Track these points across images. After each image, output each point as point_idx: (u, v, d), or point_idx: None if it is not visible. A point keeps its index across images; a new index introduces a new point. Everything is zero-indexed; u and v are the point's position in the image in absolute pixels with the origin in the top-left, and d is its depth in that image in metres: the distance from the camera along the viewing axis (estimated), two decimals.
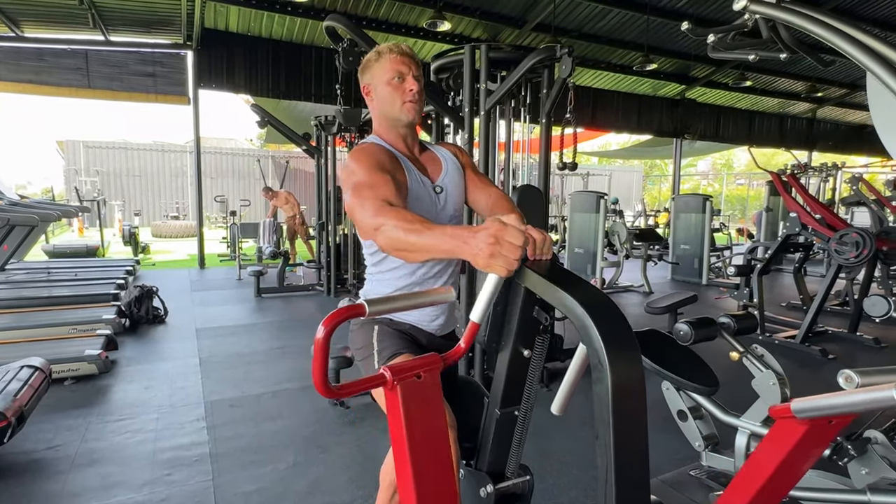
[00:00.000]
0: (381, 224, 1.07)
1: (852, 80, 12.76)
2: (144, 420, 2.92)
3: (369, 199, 1.14)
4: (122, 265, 7.10)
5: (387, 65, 1.37)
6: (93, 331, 4.05)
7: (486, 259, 0.87)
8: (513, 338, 1.12)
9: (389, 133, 1.43)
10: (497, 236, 0.86)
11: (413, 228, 1.00)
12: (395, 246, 1.04)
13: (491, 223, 0.88)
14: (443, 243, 0.94)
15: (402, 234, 1.01)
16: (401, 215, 1.05)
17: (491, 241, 0.86)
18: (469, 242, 0.89)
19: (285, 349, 4.30)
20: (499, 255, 0.86)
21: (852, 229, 4.10)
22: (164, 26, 7.73)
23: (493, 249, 0.86)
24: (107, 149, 16.43)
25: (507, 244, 0.86)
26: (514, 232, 0.86)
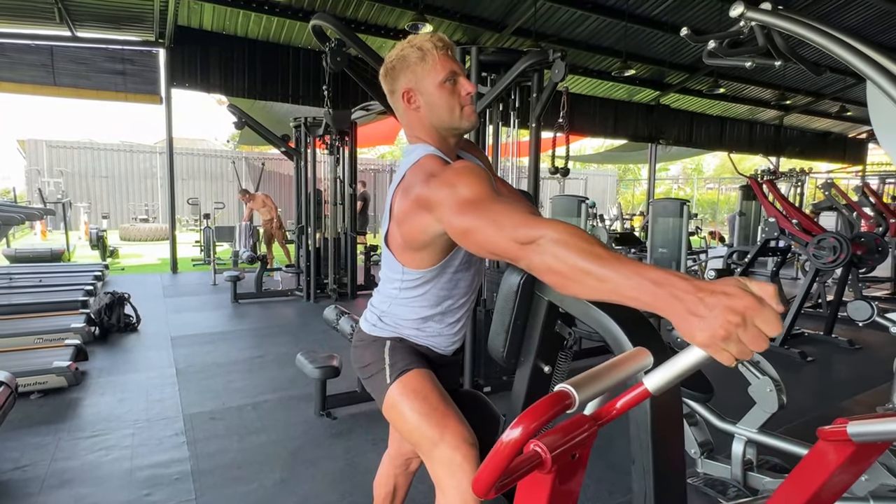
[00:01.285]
0: (540, 236, 0.82)
1: (817, 89, 13.21)
2: (119, 436, 2.77)
3: (505, 211, 0.92)
4: (90, 270, 6.81)
5: (437, 64, 1.17)
6: (60, 340, 3.85)
7: (714, 339, 0.61)
8: (533, 353, 1.07)
9: (441, 144, 1.24)
10: (746, 315, 0.60)
11: (595, 253, 0.75)
12: (558, 269, 0.79)
13: (737, 290, 0.61)
14: (636, 288, 0.69)
15: (576, 257, 0.76)
16: (573, 229, 0.81)
17: (734, 320, 0.60)
18: (688, 303, 0.63)
19: (266, 358, 4.17)
20: (735, 341, 0.60)
21: (829, 234, 4.20)
22: (136, 23, 7.46)
23: (732, 331, 0.60)
24: (71, 148, 15.82)
25: (755, 331, 0.60)
26: (772, 317, 0.60)
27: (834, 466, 0.79)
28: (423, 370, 1.28)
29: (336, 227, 6.51)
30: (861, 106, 14.51)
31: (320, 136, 6.05)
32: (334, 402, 3.11)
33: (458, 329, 1.37)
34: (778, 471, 2.22)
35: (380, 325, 1.38)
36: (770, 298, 0.61)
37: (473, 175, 1.03)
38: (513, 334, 1.06)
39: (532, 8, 8.06)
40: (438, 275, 1.26)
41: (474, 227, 0.96)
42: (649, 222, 8.59)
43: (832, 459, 0.78)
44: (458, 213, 0.99)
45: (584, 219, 6.82)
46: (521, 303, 1.04)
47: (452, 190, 1.02)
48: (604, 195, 22.68)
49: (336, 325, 3.11)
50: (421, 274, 1.24)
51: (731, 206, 21.09)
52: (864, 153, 17.80)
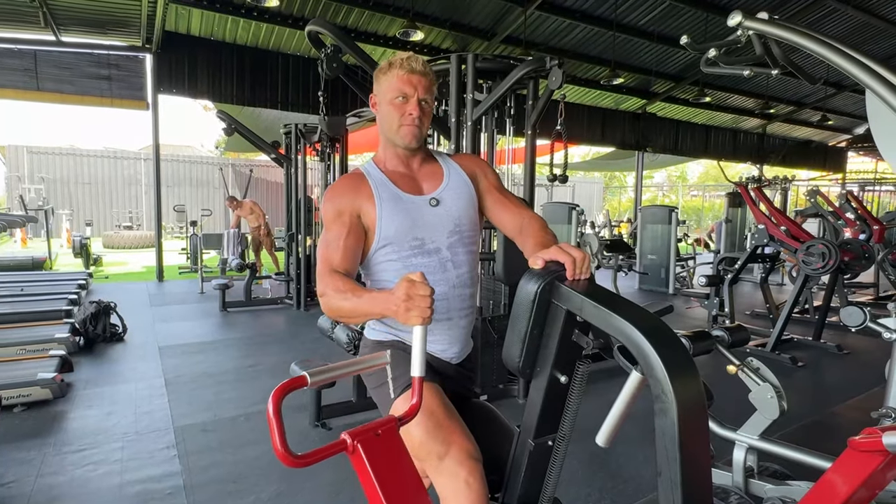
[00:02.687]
0: (324, 292, 1.20)
1: (799, 98, 13.49)
2: (108, 450, 2.69)
3: (321, 262, 1.26)
4: (74, 279, 6.66)
5: (393, 81, 1.30)
6: (45, 351, 3.74)
7: (404, 314, 1.00)
8: (550, 363, 1.05)
9: (386, 150, 1.40)
10: (408, 293, 0.99)
11: (345, 296, 1.15)
12: (336, 312, 1.18)
13: (400, 282, 1.01)
14: (371, 306, 1.11)
15: (339, 301, 1.16)
16: (335, 284, 1.18)
17: (404, 298, 0.99)
18: (390, 304, 1.03)
19: (257, 367, 4.10)
20: (413, 308, 0.99)
21: (818, 241, 4.25)
22: (122, 28, 7.37)
23: (407, 304, 0.99)
24: (53, 155, 15.54)
25: (418, 297, 0.99)
26: (420, 286, 0.99)
27: (865, 475, 0.78)
28: (427, 383, 1.25)
29: None
30: (841, 115, 14.85)
31: (313, 142, 6.00)
32: (329, 412, 3.06)
33: (454, 329, 1.36)
34: (779, 477, 2.22)
35: (378, 326, 1.40)
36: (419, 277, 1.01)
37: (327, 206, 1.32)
38: (529, 344, 1.04)
39: (522, 17, 8.13)
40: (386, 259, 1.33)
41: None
42: (638, 229, 8.66)
43: (863, 469, 0.77)
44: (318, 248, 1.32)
45: (575, 225, 6.86)
46: (537, 311, 1.02)
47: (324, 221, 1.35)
48: (590, 202, 22.87)
49: (331, 334, 3.06)
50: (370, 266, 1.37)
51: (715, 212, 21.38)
52: (844, 161, 18.20)
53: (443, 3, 7.97)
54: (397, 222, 1.30)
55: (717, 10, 8.66)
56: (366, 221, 1.31)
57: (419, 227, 1.32)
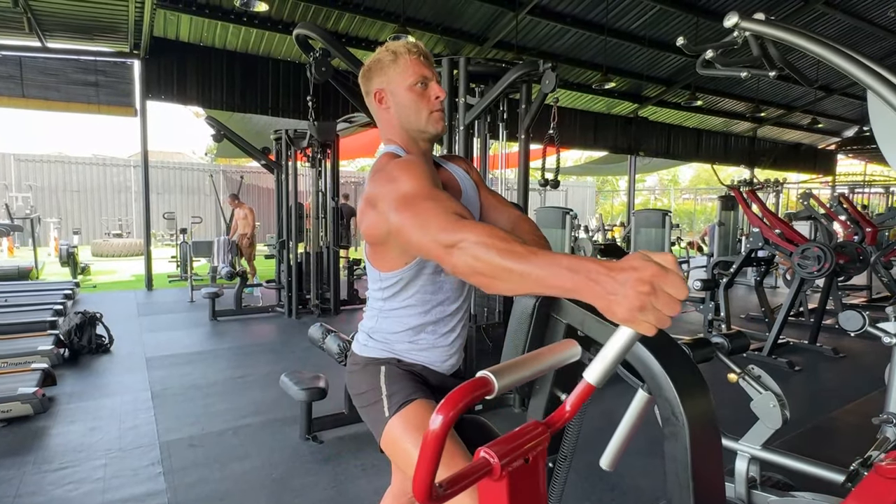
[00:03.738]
0: (461, 240, 0.84)
1: (789, 102, 13.58)
2: (90, 467, 2.59)
3: (433, 211, 0.92)
4: (60, 288, 6.54)
5: (408, 67, 1.19)
6: (27, 364, 3.63)
7: (631, 311, 0.64)
8: (550, 381, 0.99)
9: (410, 146, 1.24)
10: (653, 283, 0.63)
11: (512, 250, 0.78)
12: (481, 269, 0.81)
13: (643, 262, 0.65)
14: (556, 277, 0.72)
15: (496, 256, 0.78)
16: (490, 231, 0.82)
17: (645, 290, 0.63)
18: (603, 283, 0.66)
19: (247, 378, 4.00)
20: (651, 310, 0.64)
21: (813, 244, 4.23)
22: (109, 33, 7.27)
23: (645, 301, 0.63)
24: (41, 162, 15.34)
25: (666, 297, 0.63)
26: (676, 281, 0.64)
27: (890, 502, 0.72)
28: (425, 401, 1.19)
29: (318, 241, 6.38)
30: (830, 118, 14.97)
31: (303, 148, 5.93)
32: (320, 424, 2.98)
33: (454, 340, 1.29)
34: (782, 488, 2.17)
35: (371, 343, 1.30)
36: (671, 265, 0.65)
37: (414, 170, 1.05)
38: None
39: (513, 21, 8.11)
40: (416, 276, 1.20)
41: (404, 225, 0.97)
42: (632, 233, 8.64)
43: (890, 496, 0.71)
44: (395, 210, 1.00)
45: (569, 230, 6.81)
46: (536, 326, 0.96)
47: (394, 185, 1.03)
48: (583, 206, 22.90)
49: (322, 345, 2.99)
50: (396, 276, 1.20)
51: (707, 216, 21.48)
52: (834, 164, 18.34)
53: (434, 8, 7.95)
54: None
55: (708, 15, 8.70)
56: None
57: None
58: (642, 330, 0.65)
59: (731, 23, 2.08)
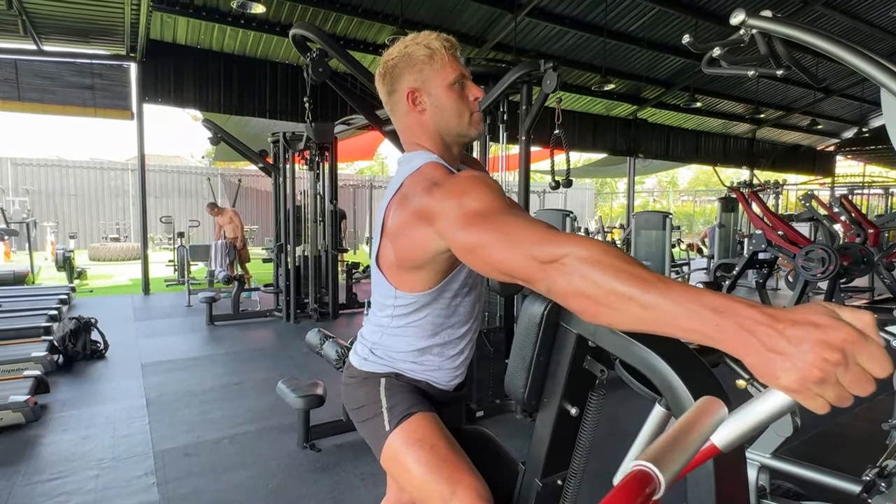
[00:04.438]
0: (565, 254, 0.69)
1: (788, 103, 13.56)
2: (82, 478, 2.53)
3: (521, 225, 0.79)
4: (55, 293, 6.47)
5: (446, 66, 1.09)
6: (19, 372, 3.57)
7: (805, 382, 0.48)
8: (559, 394, 0.93)
9: (445, 152, 1.13)
10: (846, 352, 0.47)
11: (636, 274, 0.62)
12: (590, 292, 0.65)
13: (830, 320, 0.49)
14: (694, 317, 0.55)
15: (613, 279, 0.62)
16: (604, 247, 0.67)
17: (833, 359, 0.47)
18: (763, 336, 0.51)
19: (244, 384, 3.94)
20: (833, 385, 0.48)
21: (817, 245, 4.18)
22: (105, 36, 7.22)
23: (830, 373, 0.47)
24: (38, 166, 15.28)
25: (858, 372, 0.48)
26: (878, 353, 0.48)
27: None
28: (427, 414, 1.13)
29: (316, 244, 6.32)
30: (829, 119, 14.97)
31: (300, 150, 5.87)
32: (318, 432, 2.92)
33: (461, 363, 1.23)
34: (793, 497, 2.11)
35: (372, 358, 1.23)
36: (870, 329, 0.49)
37: (484, 185, 0.92)
38: (535, 372, 0.92)
39: (512, 23, 8.08)
40: (435, 300, 1.13)
41: (483, 242, 0.83)
42: (632, 235, 8.59)
43: None
44: (465, 227, 0.87)
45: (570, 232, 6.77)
46: (544, 336, 0.91)
47: (459, 201, 0.90)
48: (582, 208, 22.87)
49: (320, 351, 2.93)
50: (415, 298, 1.11)
51: (706, 217, 21.46)
52: (833, 165, 18.32)
53: (432, 10, 7.91)
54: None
55: (707, 16, 8.67)
56: None
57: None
58: (813, 407, 0.50)
59: (738, 20, 2.02)
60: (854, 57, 1.65)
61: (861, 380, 0.48)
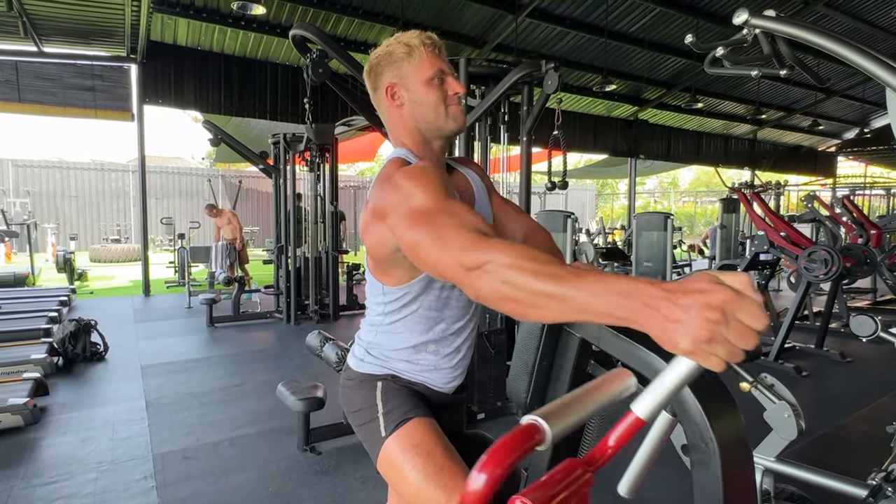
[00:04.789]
0: (486, 261, 0.72)
1: (789, 104, 13.54)
2: (80, 481, 2.51)
3: (452, 228, 0.81)
4: (55, 295, 6.46)
5: (423, 61, 1.09)
6: (19, 374, 3.56)
7: (697, 343, 0.53)
8: None
9: (423, 148, 1.14)
10: (726, 310, 0.52)
11: (550, 272, 0.66)
12: (512, 295, 0.69)
13: (711, 285, 0.54)
14: (606, 302, 0.60)
15: (532, 280, 0.66)
16: (523, 250, 0.71)
17: (715, 318, 0.52)
18: (662, 308, 0.55)
19: (244, 386, 3.93)
20: (721, 342, 0.52)
21: (820, 247, 4.16)
22: (106, 38, 7.22)
23: (715, 331, 0.52)
24: (39, 168, 15.29)
25: (740, 327, 0.52)
26: (754, 308, 0.53)
27: None
28: (424, 419, 1.11)
29: (317, 245, 6.31)
30: (830, 120, 14.94)
31: (300, 151, 5.86)
32: (318, 435, 2.90)
33: (458, 362, 1.21)
34: (796, 501, 2.09)
35: (368, 358, 1.22)
36: (746, 288, 0.54)
37: (427, 179, 0.94)
38: (538, 377, 0.91)
39: (513, 24, 8.07)
40: (423, 292, 1.12)
41: (420, 242, 0.86)
42: (633, 236, 8.57)
43: None
44: (409, 226, 0.89)
45: (570, 233, 6.74)
46: (547, 340, 0.89)
47: (405, 197, 0.93)
48: (583, 209, 22.86)
49: (320, 353, 2.92)
50: (402, 291, 1.12)
51: (707, 218, 21.44)
52: (834, 166, 18.29)
53: (433, 11, 7.90)
54: None
55: (708, 17, 8.66)
56: None
57: None
58: (709, 365, 0.55)
59: (741, 20, 2.01)
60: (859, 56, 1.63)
61: (743, 334, 0.53)
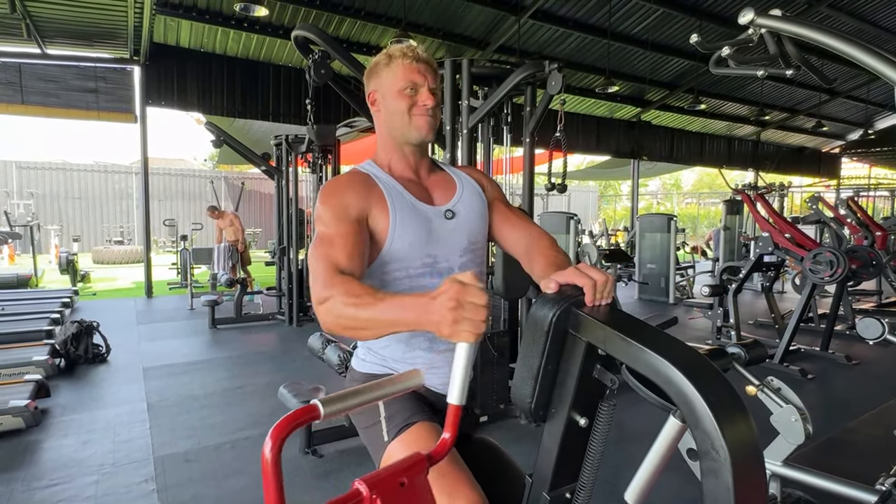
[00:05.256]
0: (328, 297, 0.94)
1: (792, 105, 13.49)
2: (81, 484, 2.50)
3: (321, 262, 1.00)
4: (58, 296, 6.46)
5: (398, 72, 1.15)
6: (20, 376, 3.55)
7: (451, 326, 0.77)
8: (568, 404, 0.89)
9: (392, 153, 1.22)
10: (458, 298, 0.77)
11: (362, 302, 0.89)
12: (344, 323, 0.92)
13: (448, 283, 0.78)
14: (401, 314, 0.85)
15: (353, 309, 0.90)
16: (345, 287, 0.93)
17: (452, 305, 0.77)
18: (430, 310, 0.80)
19: (246, 388, 3.91)
20: (463, 320, 0.77)
21: (825, 248, 4.13)
22: (109, 40, 7.23)
23: (456, 314, 0.77)
24: (43, 169, 15.34)
25: (470, 305, 0.77)
26: (474, 291, 0.77)
27: None
28: (426, 424, 1.10)
29: None
30: (834, 121, 14.87)
31: (303, 153, 5.85)
32: (320, 437, 2.88)
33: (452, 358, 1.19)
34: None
35: (369, 357, 1.23)
36: (469, 279, 0.79)
37: (329, 203, 1.10)
38: (542, 381, 0.89)
39: (515, 25, 8.06)
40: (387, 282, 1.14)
41: (310, 261, 1.04)
42: (636, 238, 8.54)
43: None
44: (312, 245, 1.07)
45: (573, 235, 6.72)
46: (552, 344, 0.87)
47: (318, 221, 1.11)
48: (585, 211, 22.80)
49: (321, 355, 2.90)
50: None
51: (711, 220, 21.36)
52: (838, 167, 18.22)
53: (435, 13, 7.90)
54: (412, 236, 1.13)
55: (711, 18, 8.64)
56: (374, 229, 1.12)
57: (433, 243, 1.16)
58: (463, 339, 0.77)
59: (747, 19, 1.99)
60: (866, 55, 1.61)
61: (473, 310, 0.77)
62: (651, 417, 0.74)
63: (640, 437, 3.04)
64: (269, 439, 0.62)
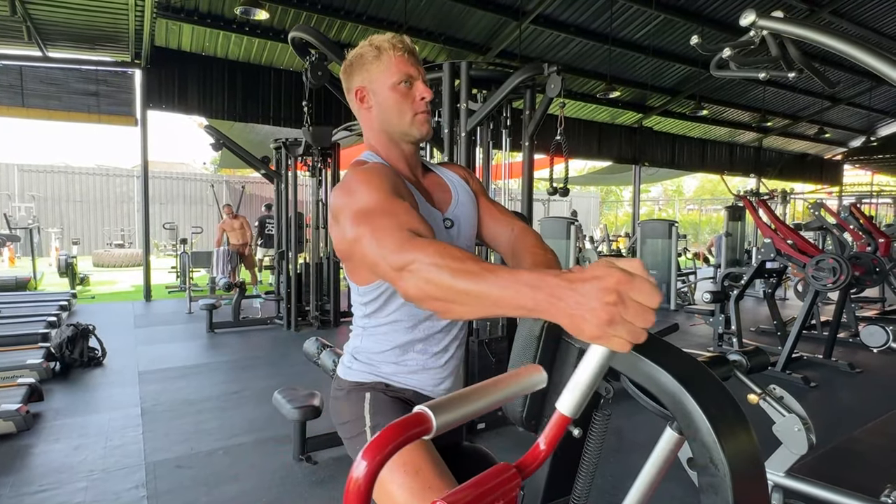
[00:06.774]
0: (411, 261, 0.76)
1: (794, 111, 13.47)
2: (70, 490, 2.46)
3: (387, 228, 0.85)
4: (56, 300, 6.43)
5: (391, 65, 1.09)
6: (13, 379, 3.51)
7: (601, 327, 0.55)
8: None
9: (389, 150, 1.15)
10: (620, 291, 0.54)
11: (466, 269, 0.69)
12: (434, 293, 0.72)
13: (606, 270, 0.56)
14: (516, 295, 0.63)
15: (449, 278, 0.70)
16: (443, 249, 0.74)
17: (611, 300, 0.54)
18: (566, 298, 0.57)
19: (242, 393, 3.87)
20: (621, 322, 0.54)
21: (828, 255, 4.09)
22: (110, 43, 7.24)
23: (614, 313, 0.54)
24: (44, 172, 15.36)
25: (636, 306, 0.55)
26: (645, 287, 0.55)
27: None
28: None
29: (318, 251, 6.27)
30: (836, 128, 14.85)
31: (301, 156, 5.84)
32: (315, 444, 2.84)
33: (447, 362, 1.17)
34: None
35: (355, 365, 1.18)
36: (639, 270, 0.57)
37: (372, 180, 0.98)
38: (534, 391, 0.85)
39: (517, 30, 8.06)
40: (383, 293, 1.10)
41: (359, 240, 0.90)
42: (638, 243, 8.50)
43: None
44: (352, 224, 0.94)
45: (574, 240, 6.68)
46: (544, 351, 0.84)
47: (352, 197, 0.97)
48: (587, 217, 22.76)
49: (317, 360, 2.86)
50: (375, 288, 1.10)
51: (712, 226, 21.31)
52: (841, 174, 18.18)
53: (437, 18, 7.90)
54: None
55: (713, 24, 8.63)
56: None
57: None
58: (615, 346, 0.57)
59: (749, 21, 1.95)
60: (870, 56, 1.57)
61: (639, 312, 0.55)
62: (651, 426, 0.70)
63: (640, 447, 2.99)
64: (361, 459, 0.49)
